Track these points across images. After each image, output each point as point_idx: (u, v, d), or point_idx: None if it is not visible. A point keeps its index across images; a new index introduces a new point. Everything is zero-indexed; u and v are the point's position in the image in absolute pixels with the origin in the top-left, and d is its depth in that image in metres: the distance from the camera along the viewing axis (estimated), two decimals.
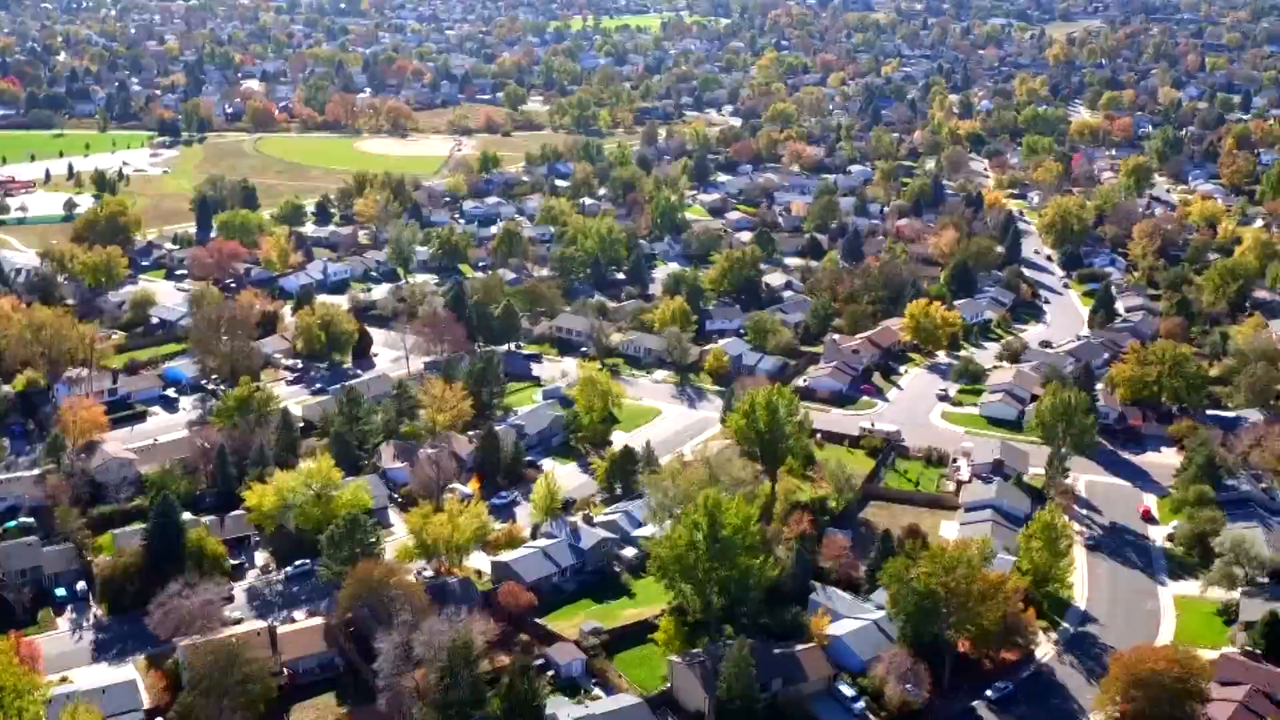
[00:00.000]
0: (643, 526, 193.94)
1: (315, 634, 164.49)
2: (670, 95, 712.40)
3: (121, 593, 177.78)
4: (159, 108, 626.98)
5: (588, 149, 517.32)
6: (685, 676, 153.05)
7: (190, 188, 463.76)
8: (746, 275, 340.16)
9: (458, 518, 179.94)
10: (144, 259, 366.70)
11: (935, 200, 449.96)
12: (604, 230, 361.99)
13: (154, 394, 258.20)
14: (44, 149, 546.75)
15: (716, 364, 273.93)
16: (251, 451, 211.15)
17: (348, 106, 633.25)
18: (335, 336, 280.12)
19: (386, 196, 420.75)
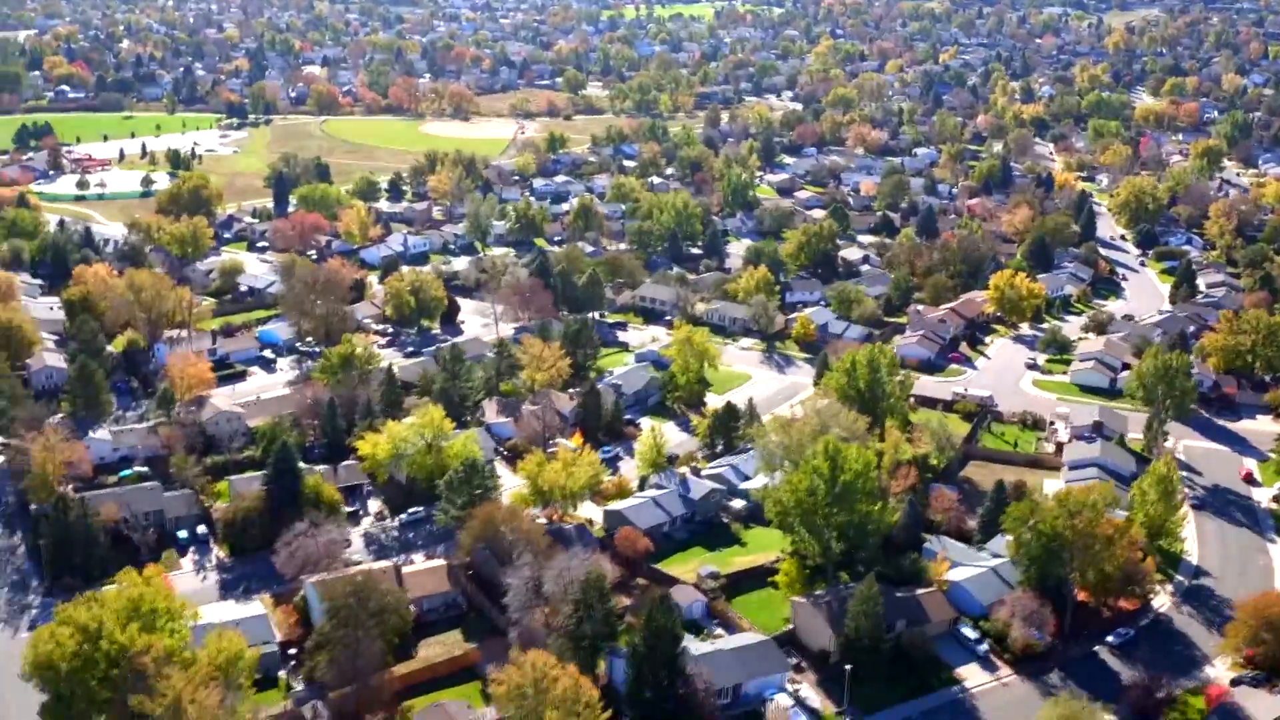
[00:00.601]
0: (749, 480, 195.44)
1: (439, 574, 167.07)
2: (728, 81, 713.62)
3: (243, 535, 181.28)
4: (225, 91, 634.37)
5: (653, 130, 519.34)
6: (810, 616, 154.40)
7: (262, 166, 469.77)
8: (823, 250, 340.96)
9: (571, 466, 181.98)
10: (225, 232, 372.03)
11: (1004, 181, 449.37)
12: (679, 205, 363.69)
13: (251, 355, 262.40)
14: (115, 130, 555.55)
15: (803, 331, 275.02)
16: (358, 405, 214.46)
17: (411, 90, 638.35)
18: (425, 302, 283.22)
19: (459, 173, 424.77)
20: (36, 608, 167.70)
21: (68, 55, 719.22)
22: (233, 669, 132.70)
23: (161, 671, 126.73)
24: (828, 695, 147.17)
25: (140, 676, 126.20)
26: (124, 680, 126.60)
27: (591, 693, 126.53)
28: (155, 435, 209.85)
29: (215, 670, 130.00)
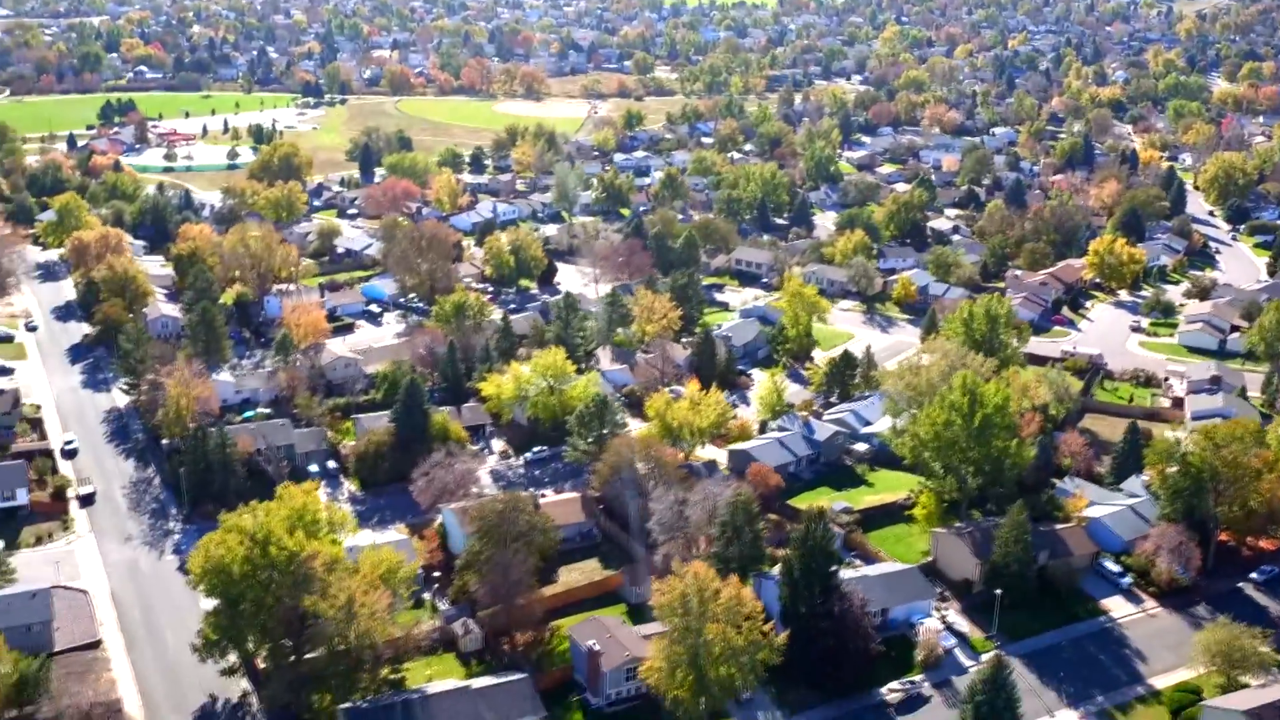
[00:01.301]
0: (871, 425, 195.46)
1: (573, 505, 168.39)
2: (796, 65, 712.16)
3: (373, 470, 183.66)
4: (300, 72, 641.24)
5: (729, 107, 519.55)
6: (953, 546, 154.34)
7: (341, 141, 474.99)
8: (913, 219, 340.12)
9: (698, 405, 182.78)
10: (315, 199, 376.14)
11: (1086, 159, 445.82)
12: (766, 175, 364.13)
13: (357, 309, 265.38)
14: (195, 108, 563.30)
15: (904, 293, 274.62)
16: (475, 352, 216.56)
17: (483, 71, 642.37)
18: (524, 261, 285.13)
19: (542, 146, 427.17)
20: (178, 533, 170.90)
21: (143, 38, 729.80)
22: (392, 579, 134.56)
23: (330, 576, 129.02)
24: (973, 622, 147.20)
25: (309, 580, 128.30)
26: (292, 584, 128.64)
27: (755, 605, 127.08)
28: (276, 378, 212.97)
29: (377, 580, 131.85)
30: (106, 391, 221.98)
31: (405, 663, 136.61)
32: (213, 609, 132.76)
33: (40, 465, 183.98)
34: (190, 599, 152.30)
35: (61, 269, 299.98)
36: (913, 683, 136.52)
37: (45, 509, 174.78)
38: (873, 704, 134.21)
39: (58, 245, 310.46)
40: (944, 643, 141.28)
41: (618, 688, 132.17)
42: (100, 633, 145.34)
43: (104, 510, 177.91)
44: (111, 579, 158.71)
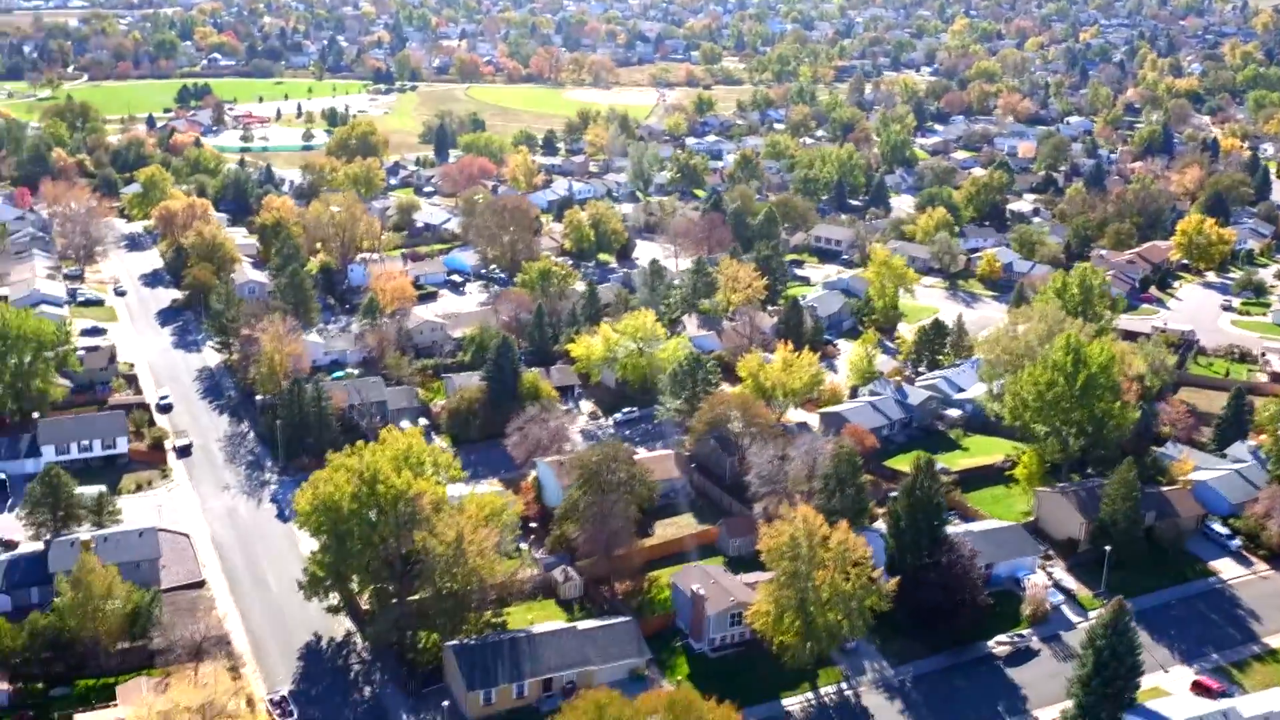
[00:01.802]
0: (964, 391, 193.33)
1: (667, 462, 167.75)
2: (865, 56, 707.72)
3: (465, 426, 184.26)
4: (370, 59, 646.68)
5: (800, 94, 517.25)
6: (1057, 504, 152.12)
7: (415, 125, 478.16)
8: (992, 201, 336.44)
9: (791, 366, 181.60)
10: (391, 178, 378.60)
11: (1165, 147, 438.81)
12: (843, 156, 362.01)
13: (440, 279, 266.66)
14: (269, 93, 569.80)
15: (989, 269, 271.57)
16: (563, 315, 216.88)
17: (551, 60, 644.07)
18: (603, 236, 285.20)
19: (614, 129, 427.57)
20: (275, 484, 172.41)
21: (215, 27, 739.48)
22: (496, 520, 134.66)
23: (437, 514, 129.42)
24: (1079, 580, 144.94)
25: (417, 517, 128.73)
26: (399, 522, 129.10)
27: (864, 550, 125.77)
28: (364, 340, 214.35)
29: (483, 519, 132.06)
30: (197, 352, 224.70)
31: (507, 608, 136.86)
32: (319, 546, 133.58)
33: (137, 418, 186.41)
34: (290, 545, 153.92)
35: (147, 240, 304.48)
36: (1020, 636, 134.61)
37: (144, 458, 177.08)
38: (979, 656, 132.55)
39: (143, 217, 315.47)
40: (1051, 598, 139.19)
41: (721, 633, 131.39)
42: (204, 574, 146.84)
43: (201, 461, 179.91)
44: (211, 524, 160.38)
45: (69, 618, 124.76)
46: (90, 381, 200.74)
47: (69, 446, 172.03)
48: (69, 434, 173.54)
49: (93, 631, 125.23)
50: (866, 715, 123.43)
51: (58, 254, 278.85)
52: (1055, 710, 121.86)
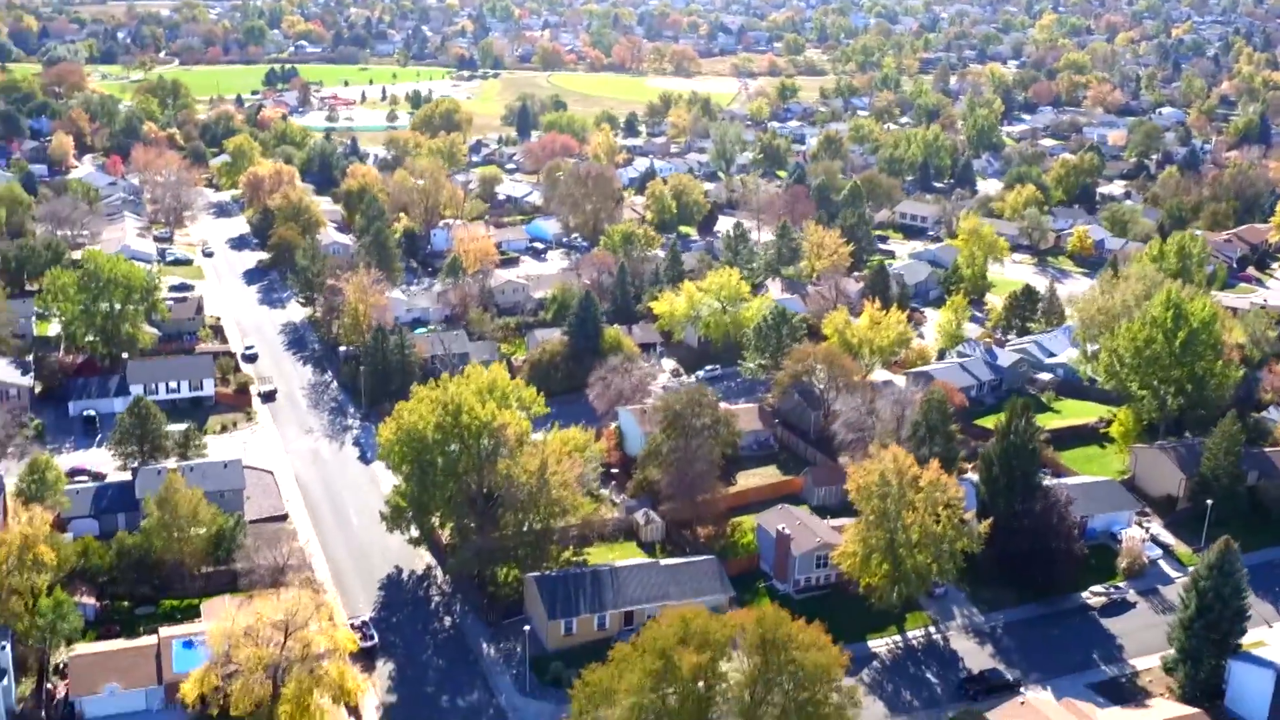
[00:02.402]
0: (1055, 356, 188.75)
1: (751, 414, 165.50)
2: (950, 49, 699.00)
3: (547, 378, 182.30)
4: (454, 47, 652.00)
5: (885, 81, 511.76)
6: (1155, 461, 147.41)
7: (497, 109, 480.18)
8: (1083, 183, 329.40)
9: (878, 324, 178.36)
10: (474, 155, 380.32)
11: (1262, 137, 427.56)
12: (929, 137, 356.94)
13: (521, 245, 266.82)
14: (354, 79, 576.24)
15: (1080, 246, 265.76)
16: (646, 276, 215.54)
17: (634, 49, 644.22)
18: (686, 207, 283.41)
19: (697, 110, 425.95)
20: (357, 429, 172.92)
21: (302, 16, 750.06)
22: (579, 454, 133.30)
23: (520, 447, 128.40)
24: (1178, 537, 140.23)
25: (501, 446, 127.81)
26: (482, 452, 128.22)
27: (956, 491, 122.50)
28: (446, 298, 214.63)
29: (565, 454, 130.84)
30: (282, 308, 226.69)
31: (588, 548, 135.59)
32: (402, 479, 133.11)
33: (223, 364, 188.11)
34: (372, 485, 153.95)
35: (234, 207, 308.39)
36: (1116, 588, 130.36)
37: (229, 401, 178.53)
38: (1073, 607, 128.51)
39: (230, 186, 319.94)
40: (1148, 552, 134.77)
41: (807, 574, 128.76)
42: (286, 508, 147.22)
43: (284, 406, 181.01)
44: (295, 463, 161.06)
45: (155, 538, 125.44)
46: (178, 331, 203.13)
47: (157, 387, 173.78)
48: (157, 374, 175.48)
49: (178, 552, 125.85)
50: (955, 658, 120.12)
51: (148, 217, 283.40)
52: (1154, 659, 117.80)
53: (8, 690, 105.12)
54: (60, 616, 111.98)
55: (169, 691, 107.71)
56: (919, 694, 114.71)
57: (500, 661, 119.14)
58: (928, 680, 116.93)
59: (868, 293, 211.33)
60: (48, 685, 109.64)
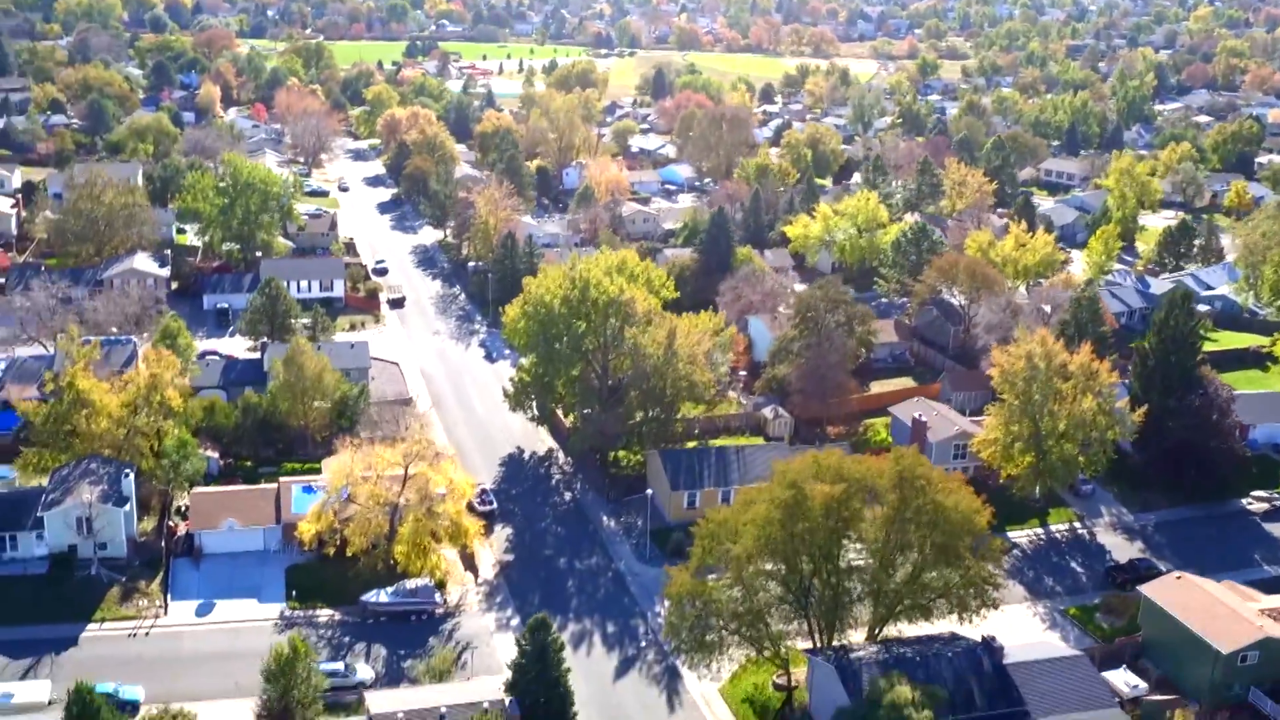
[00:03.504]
0: (1212, 289, 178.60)
1: (888, 328, 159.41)
2: (1099, 37, 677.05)
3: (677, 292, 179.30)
4: (592, 25, 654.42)
5: (1030, 58, 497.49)
6: None
7: (633, 80, 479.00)
8: (1241, 151, 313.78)
9: (1025, 244, 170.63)
10: (608, 116, 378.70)
11: None
12: (1078, 104, 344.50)
13: (654, 187, 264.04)
14: (493, 54, 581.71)
15: (1237, 201, 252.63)
16: (780, 205, 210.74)
17: (771, 30, 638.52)
18: (821, 155, 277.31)
19: (835, 79, 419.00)
20: (483, 334, 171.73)
21: None
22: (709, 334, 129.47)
23: (650, 321, 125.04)
24: None
25: (629, 318, 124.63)
26: (609, 329, 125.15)
27: (1109, 377, 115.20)
28: (576, 224, 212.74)
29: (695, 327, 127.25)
30: (414, 234, 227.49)
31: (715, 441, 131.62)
32: (527, 356, 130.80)
33: (354, 273, 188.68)
34: (496, 381, 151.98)
35: (371, 155, 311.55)
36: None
37: (358, 304, 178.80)
38: (1231, 511, 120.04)
39: (369, 135, 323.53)
40: None
41: (944, 464, 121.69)
42: (411, 394, 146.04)
43: (412, 313, 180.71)
44: (421, 358, 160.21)
45: (280, 400, 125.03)
46: (311, 245, 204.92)
47: (289, 285, 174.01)
48: (289, 273, 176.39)
49: (301, 416, 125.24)
50: (1102, 550, 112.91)
51: (288, 155, 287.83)
52: None
53: (130, 516, 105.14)
54: (184, 457, 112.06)
55: (286, 531, 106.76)
56: (1061, 580, 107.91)
57: (619, 533, 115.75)
58: (1071, 569, 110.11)
59: (1014, 218, 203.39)
60: (169, 523, 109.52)
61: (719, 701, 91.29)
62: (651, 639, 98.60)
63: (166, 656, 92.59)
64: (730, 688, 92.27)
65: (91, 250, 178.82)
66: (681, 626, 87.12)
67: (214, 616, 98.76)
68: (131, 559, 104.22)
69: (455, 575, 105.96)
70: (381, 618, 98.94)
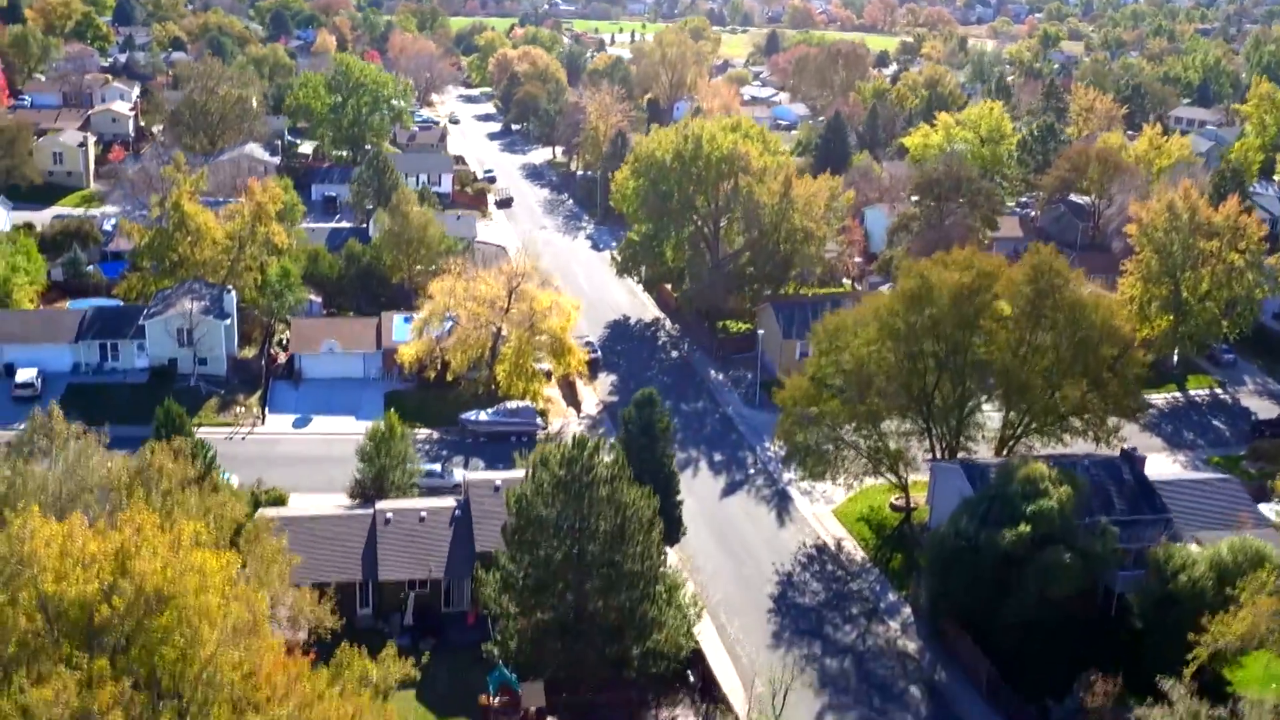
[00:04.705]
0: None
1: (1012, 223, 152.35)
2: (1230, 22, 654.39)
3: None
4: (704, 3, 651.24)
5: (1159, 31, 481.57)
6: None
7: (745, 49, 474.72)
8: None
9: (1159, 145, 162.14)
10: (719, 74, 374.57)
11: None
12: (1209, 61, 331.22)
13: (767, 121, 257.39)
14: (604, 29, 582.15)
15: None
16: (897, 121, 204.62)
17: (887, 10, 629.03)
18: (939, 96, 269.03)
19: (954, 44, 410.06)
20: (589, 230, 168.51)
21: None
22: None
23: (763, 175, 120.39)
24: None
25: (744, 168, 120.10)
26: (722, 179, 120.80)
27: (1258, 229, 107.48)
28: None
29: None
30: (523, 155, 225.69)
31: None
32: (636, 223, 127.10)
33: (463, 176, 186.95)
34: (602, 263, 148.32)
35: (482, 99, 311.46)
36: None
37: (466, 201, 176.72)
38: None
39: (481, 82, 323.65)
40: None
41: None
42: None
43: (520, 211, 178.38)
44: (526, 244, 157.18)
45: (385, 251, 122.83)
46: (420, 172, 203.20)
47: None
48: (397, 165, 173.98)
49: (405, 269, 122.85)
50: (1246, 411, 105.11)
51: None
52: None
53: (230, 332, 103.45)
54: (288, 287, 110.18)
55: (386, 359, 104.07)
56: (1204, 435, 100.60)
57: (727, 385, 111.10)
58: (1213, 425, 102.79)
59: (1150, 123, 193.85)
60: (270, 351, 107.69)
61: (831, 520, 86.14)
62: (761, 468, 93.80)
63: (261, 456, 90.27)
64: (845, 508, 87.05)
65: (205, 142, 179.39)
66: (794, 432, 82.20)
67: (311, 429, 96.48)
68: (230, 377, 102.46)
69: (557, 409, 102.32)
70: (481, 438, 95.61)
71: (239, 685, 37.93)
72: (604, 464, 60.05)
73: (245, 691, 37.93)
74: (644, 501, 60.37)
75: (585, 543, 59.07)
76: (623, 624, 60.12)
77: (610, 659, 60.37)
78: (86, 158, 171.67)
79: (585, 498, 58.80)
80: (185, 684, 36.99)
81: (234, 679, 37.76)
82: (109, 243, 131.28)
